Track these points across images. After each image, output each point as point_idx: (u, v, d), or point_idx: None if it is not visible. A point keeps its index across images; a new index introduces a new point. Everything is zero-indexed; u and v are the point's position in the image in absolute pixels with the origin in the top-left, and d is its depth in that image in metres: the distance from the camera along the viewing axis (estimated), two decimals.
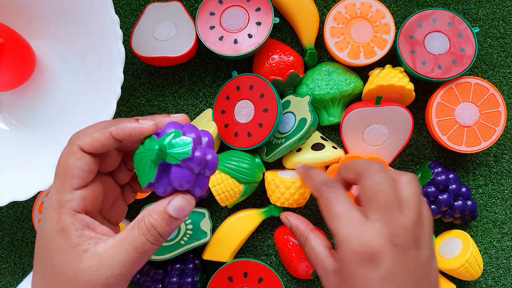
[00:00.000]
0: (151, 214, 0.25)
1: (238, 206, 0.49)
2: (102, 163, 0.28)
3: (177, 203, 0.25)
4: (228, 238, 0.46)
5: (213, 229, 0.48)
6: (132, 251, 0.24)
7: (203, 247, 0.47)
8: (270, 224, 0.49)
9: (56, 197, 0.25)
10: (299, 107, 0.44)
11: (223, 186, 0.43)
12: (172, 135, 0.25)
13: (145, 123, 0.26)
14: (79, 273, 0.23)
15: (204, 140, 0.26)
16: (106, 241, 0.24)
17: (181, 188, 0.25)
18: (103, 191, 0.28)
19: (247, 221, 0.46)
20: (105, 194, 0.28)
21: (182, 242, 0.45)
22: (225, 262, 0.46)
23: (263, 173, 0.46)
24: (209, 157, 0.25)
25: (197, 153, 0.24)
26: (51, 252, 0.24)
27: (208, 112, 0.47)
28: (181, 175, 0.24)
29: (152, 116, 0.27)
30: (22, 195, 0.39)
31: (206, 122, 0.45)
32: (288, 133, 0.44)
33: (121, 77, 0.37)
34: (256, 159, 0.45)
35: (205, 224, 0.46)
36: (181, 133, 0.25)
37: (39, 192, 0.47)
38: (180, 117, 0.27)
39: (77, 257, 0.24)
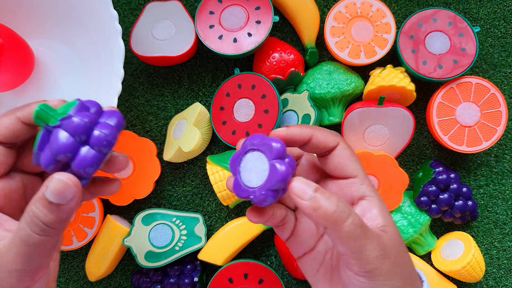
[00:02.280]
0: (34, 201, 0.22)
1: (240, 207, 0.49)
2: (22, 161, 0.26)
3: (53, 186, 0.21)
4: (226, 243, 0.45)
5: (213, 230, 0.48)
6: (20, 245, 0.21)
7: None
8: None
9: None
10: (299, 104, 0.44)
11: (225, 183, 0.43)
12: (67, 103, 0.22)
13: (52, 99, 0.24)
14: None
15: (108, 119, 0.23)
16: (6, 238, 0.22)
17: (59, 157, 0.21)
18: (24, 190, 0.26)
19: (247, 228, 0.46)
20: (27, 194, 0.26)
21: (177, 248, 0.45)
22: (220, 265, 0.45)
23: None
24: (98, 131, 0.22)
25: (80, 116, 0.21)
26: None
27: (197, 108, 0.46)
28: (59, 138, 0.21)
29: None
30: None
31: (192, 126, 0.44)
32: None
33: (121, 72, 0.37)
34: None
35: (200, 229, 0.46)
36: (77, 102, 0.22)
37: None
38: (55, 102, 0.25)
39: None
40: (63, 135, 0.21)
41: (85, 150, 0.21)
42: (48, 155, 0.22)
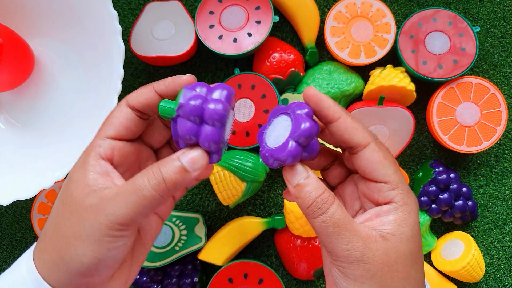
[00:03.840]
0: (163, 163, 0.24)
1: (240, 207, 0.49)
2: (147, 135, 0.29)
3: (191, 155, 0.24)
4: (226, 243, 0.45)
5: (213, 230, 0.48)
6: (134, 198, 0.24)
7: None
8: None
9: (95, 139, 0.26)
10: None
11: (225, 183, 0.43)
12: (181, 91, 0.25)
13: (182, 76, 0.26)
14: (83, 210, 0.24)
15: (215, 93, 0.25)
16: (113, 187, 0.25)
17: (186, 141, 0.24)
18: (137, 156, 0.28)
19: (247, 228, 0.46)
20: (139, 162, 0.28)
21: (177, 248, 0.45)
22: (220, 265, 0.45)
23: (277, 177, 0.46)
24: (210, 106, 0.24)
25: (191, 102, 0.24)
26: (71, 183, 0.26)
27: None
28: (179, 125, 0.24)
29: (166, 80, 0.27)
30: (25, 194, 0.39)
31: None
32: None
33: (121, 72, 0.37)
34: (260, 159, 0.45)
35: (199, 229, 0.46)
36: (186, 89, 0.25)
37: (38, 192, 0.47)
38: (186, 77, 0.27)
39: (85, 195, 0.25)
40: (181, 122, 0.24)
41: (204, 128, 0.24)
42: (181, 141, 0.25)
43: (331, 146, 0.40)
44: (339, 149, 0.30)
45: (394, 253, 0.24)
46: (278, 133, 0.26)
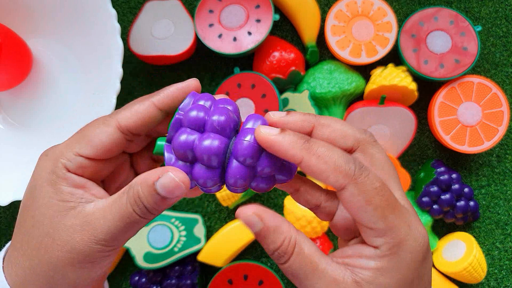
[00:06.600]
0: (141, 184, 0.21)
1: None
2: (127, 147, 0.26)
3: (164, 182, 0.21)
4: (225, 244, 0.45)
5: (212, 231, 0.48)
6: (118, 219, 0.21)
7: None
8: None
9: (61, 150, 0.23)
10: (300, 103, 0.44)
11: None
12: None
13: (188, 81, 0.23)
14: (60, 229, 0.21)
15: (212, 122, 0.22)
16: (96, 202, 0.22)
17: (182, 156, 0.22)
18: (109, 169, 0.25)
19: (247, 229, 0.45)
20: (114, 172, 0.26)
21: (176, 249, 0.45)
22: (220, 267, 0.45)
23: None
24: (199, 145, 0.21)
25: (178, 146, 0.22)
26: (35, 202, 0.22)
27: None
28: (177, 136, 0.22)
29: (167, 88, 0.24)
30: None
31: None
32: None
33: (120, 71, 0.37)
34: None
35: (199, 230, 0.45)
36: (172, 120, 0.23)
37: None
38: (192, 82, 0.24)
39: (62, 212, 0.22)
40: (180, 132, 0.22)
41: (196, 167, 0.22)
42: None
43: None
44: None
45: None
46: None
